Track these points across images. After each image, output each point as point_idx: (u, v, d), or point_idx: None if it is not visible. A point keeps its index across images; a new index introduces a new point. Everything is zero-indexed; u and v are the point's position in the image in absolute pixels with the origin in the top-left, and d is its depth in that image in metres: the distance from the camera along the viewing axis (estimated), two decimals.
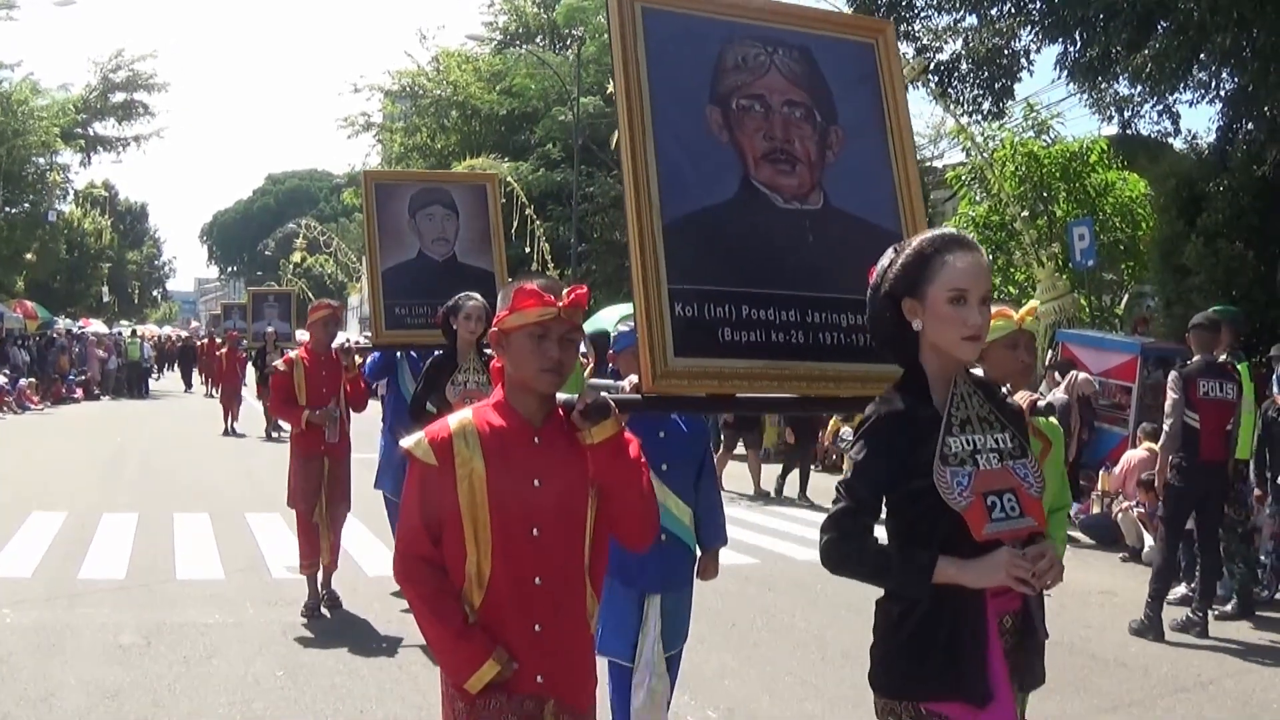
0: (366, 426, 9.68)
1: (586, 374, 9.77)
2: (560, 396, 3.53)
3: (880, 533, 3.28)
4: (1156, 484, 10.49)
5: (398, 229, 10.41)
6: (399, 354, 10.19)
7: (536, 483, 3.45)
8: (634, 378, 3.22)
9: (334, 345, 9.82)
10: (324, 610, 9.31)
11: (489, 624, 3.46)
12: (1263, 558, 11.05)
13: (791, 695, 7.52)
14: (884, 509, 3.35)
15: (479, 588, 3.46)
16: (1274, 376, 10.94)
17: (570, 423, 3.46)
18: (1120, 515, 13.29)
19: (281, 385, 9.58)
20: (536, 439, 3.49)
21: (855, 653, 8.43)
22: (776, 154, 4.24)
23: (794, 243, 4.20)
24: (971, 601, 3.19)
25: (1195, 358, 9.88)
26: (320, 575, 9.43)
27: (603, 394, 3.48)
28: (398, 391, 10.17)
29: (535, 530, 3.44)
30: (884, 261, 3.40)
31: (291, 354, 9.90)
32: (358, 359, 9.75)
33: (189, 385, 45.03)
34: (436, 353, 8.55)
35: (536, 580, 3.46)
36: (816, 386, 4.08)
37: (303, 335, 9.62)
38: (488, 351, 8.58)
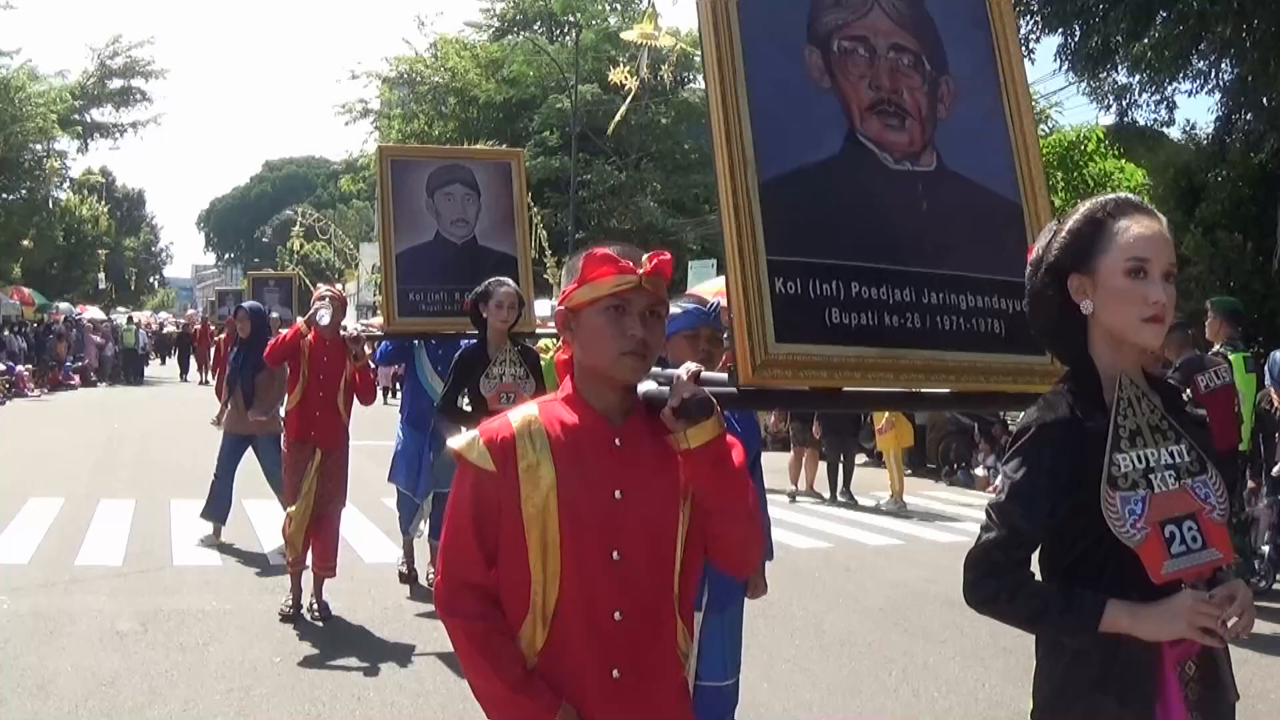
0: (369, 413, 9.53)
1: None
2: (642, 388, 2.91)
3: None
4: None
5: (414, 209, 9.79)
6: (417, 341, 9.80)
7: (618, 494, 2.81)
8: (691, 365, 2.80)
9: (342, 333, 9.01)
10: (307, 615, 8.73)
11: (554, 670, 2.82)
12: (1264, 548, 11.05)
13: (789, 682, 7.52)
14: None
15: (543, 623, 2.82)
16: (1268, 370, 10.93)
17: (654, 420, 2.84)
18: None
19: (285, 343, 9.00)
20: (617, 440, 2.86)
21: (852, 640, 8.47)
22: (884, 106, 3.63)
23: (906, 210, 3.61)
24: (1145, 655, 2.68)
25: (1179, 359, 9.90)
26: (312, 582, 8.88)
27: (700, 387, 2.80)
28: (415, 381, 9.90)
29: (615, 553, 2.81)
30: (1044, 235, 2.93)
31: (301, 322, 9.17)
32: (366, 349, 9.17)
33: (186, 372, 43.94)
34: (463, 344, 8.18)
35: (616, 615, 2.81)
36: (935, 380, 3.50)
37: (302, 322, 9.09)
38: (526, 341, 8.36)
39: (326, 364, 8.89)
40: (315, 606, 8.81)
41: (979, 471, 18.16)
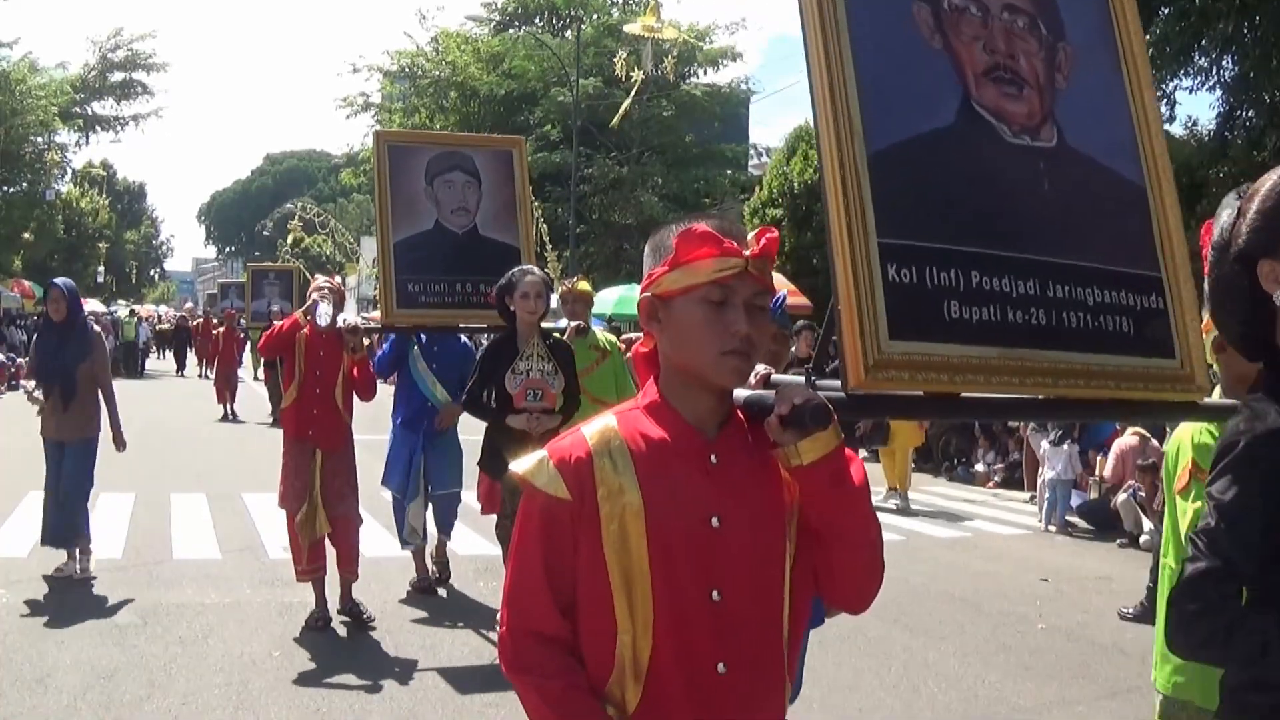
0: (369, 404, 9.42)
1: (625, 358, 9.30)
2: (740, 393, 2.46)
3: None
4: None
5: (412, 196, 9.29)
6: (412, 338, 9.45)
7: (715, 521, 2.35)
8: (760, 367, 2.51)
9: (339, 324, 8.37)
10: (342, 625, 8.30)
11: None
12: None
13: None
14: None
15: (634, 680, 2.36)
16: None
17: (754, 431, 2.43)
18: (1119, 501, 13.28)
19: (281, 334, 8.45)
20: (713, 457, 2.39)
21: (852, 637, 8.45)
22: (1000, 71, 3.17)
23: (1026, 190, 3.14)
24: None
25: None
26: (340, 587, 8.45)
27: (815, 392, 2.37)
28: (409, 380, 9.51)
29: (715, 593, 2.36)
30: (1225, 214, 2.60)
31: (299, 314, 8.54)
32: (365, 340, 8.75)
33: (182, 367, 43.24)
34: (485, 338, 7.88)
35: (720, 667, 2.36)
36: (1063, 385, 2.98)
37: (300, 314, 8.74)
38: (555, 335, 7.99)
39: (323, 359, 8.40)
40: (354, 612, 8.40)
41: (979, 468, 18.17)
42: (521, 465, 2.42)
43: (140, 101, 53.48)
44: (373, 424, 10.49)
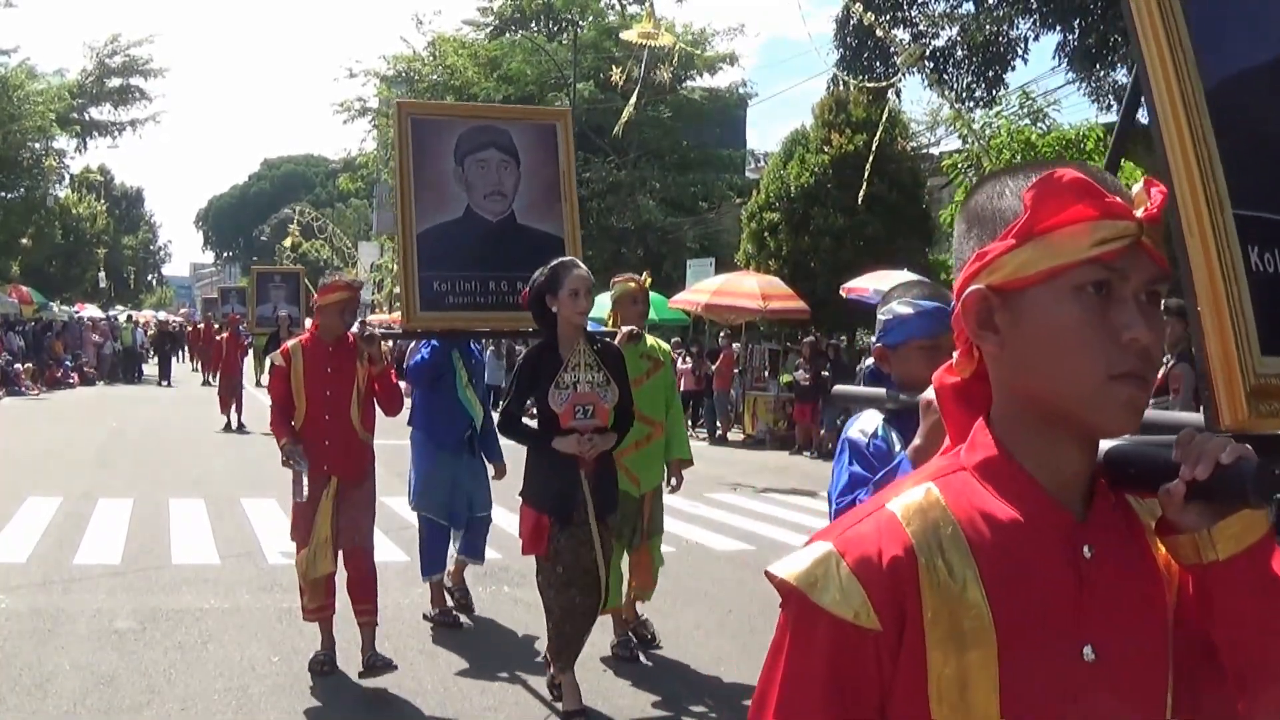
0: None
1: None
2: (1107, 443, 1.55)
3: None
4: None
5: (440, 179, 8.08)
6: (455, 350, 8.26)
7: (1089, 653, 1.48)
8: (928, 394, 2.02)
9: (352, 333, 7.23)
10: (355, 675, 7.16)
11: None
12: None
13: None
14: None
15: None
16: None
17: (1119, 501, 1.59)
18: None
19: (279, 392, 7.11)
20: (1087, 550, 1.50)
21: None
22: None
23: None
24: None
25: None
26: (360, 636, 7.24)
27: (1247, 446, 1.48)
28: (450, 394, 8.32)
29: None
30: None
31: (290, 343, 7.33)
32: (385, 346, 7.59)
33: (166, 377, 40.22)
34: (521, 346, 6.60)
35: None
36: None
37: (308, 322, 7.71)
38: (607, 340, 6.84)
39: (331, 375, 7.08)
40: (373, 664, 7.08)
41: None
42: (792, 566, 1.49)
43: (138, 107, 53.58)
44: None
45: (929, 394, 1.87)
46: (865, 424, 3.67)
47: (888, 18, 23.58)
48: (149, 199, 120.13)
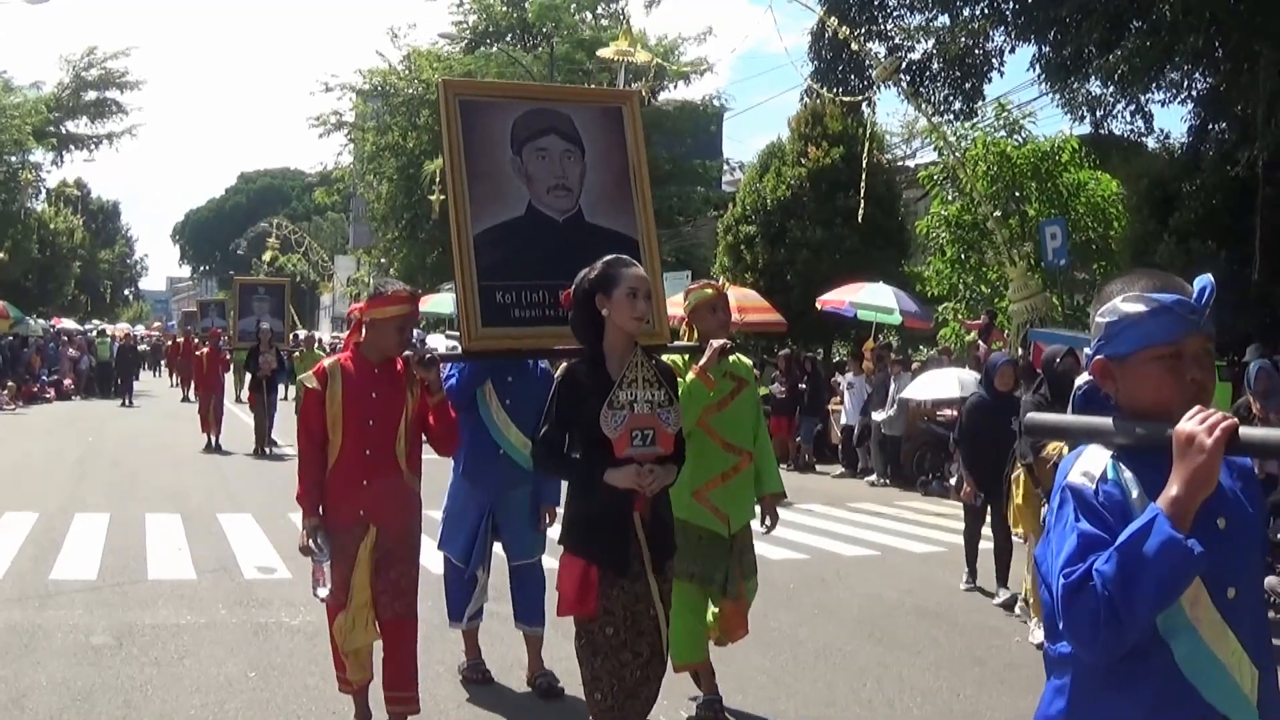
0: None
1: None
2: None
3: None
4: None
5: (496, 170, 6.87)
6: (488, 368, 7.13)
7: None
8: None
9: (407, 354, 6.09)
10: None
11: None
12: None
13: (764, 694, 7.52)
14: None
15: None
16: (1245, 377, 11.02)
17: None
18: None
19: (316, 421, 5.88)
20: None
21: (827, 653, 8.47)
22: None
23: None
24: None
25: None
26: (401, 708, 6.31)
27: None
28: (475, 421, 7.15)
29: None
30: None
31: (328, 361, 6.12)
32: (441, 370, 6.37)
33: (127, 397, 36.23)
34: (566, 363, 5.53)
35: None
36: None
37: (301, 334, 6.92)
38: (672, 357, 6.20)
39: (376, 402, 5.92)
40: None
41: (953, 482, 18.22)
42: None
43: (114, 120, 53.55)
44: None
45: (1188, 425, 1.55)
46: (1090, 464, 2.70)
47: (862, 31, 23.66)
48: (125, 213, 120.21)
